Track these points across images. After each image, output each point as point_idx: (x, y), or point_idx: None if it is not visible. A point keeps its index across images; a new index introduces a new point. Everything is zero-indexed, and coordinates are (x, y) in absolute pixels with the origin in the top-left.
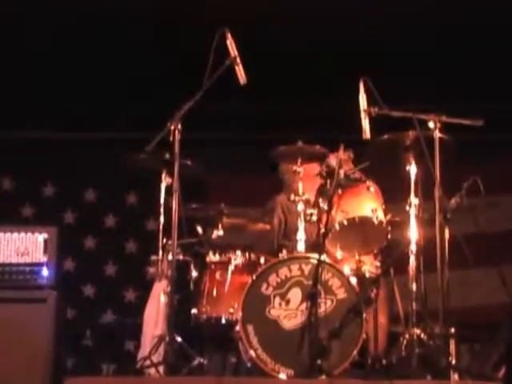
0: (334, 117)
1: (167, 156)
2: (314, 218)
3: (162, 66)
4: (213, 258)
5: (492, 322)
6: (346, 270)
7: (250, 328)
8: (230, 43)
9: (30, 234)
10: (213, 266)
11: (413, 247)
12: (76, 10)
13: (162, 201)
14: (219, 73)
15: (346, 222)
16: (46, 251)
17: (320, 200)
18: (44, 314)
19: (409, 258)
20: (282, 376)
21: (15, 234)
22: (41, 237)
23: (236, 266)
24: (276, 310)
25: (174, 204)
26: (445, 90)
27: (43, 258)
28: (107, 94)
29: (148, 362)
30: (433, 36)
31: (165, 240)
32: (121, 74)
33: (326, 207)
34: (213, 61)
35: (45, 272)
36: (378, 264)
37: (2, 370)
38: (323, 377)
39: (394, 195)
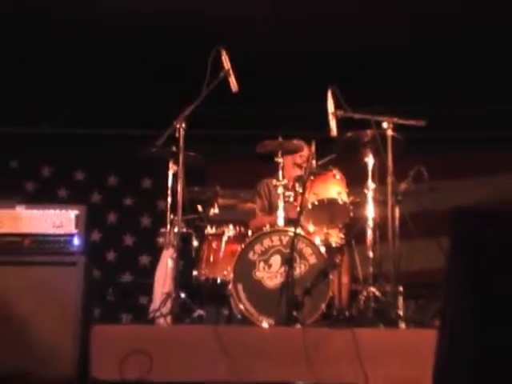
0: (307, 117)
1: (174, 148)
2: (291, 199)
3: (169, 74)
4: (210, 230)
5: (432, 283)
6: (317, 240)
7: (240, 287)
8: (224, 58)
9: (64, 211)
10: (210, 237)
11: (370, 223)
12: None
13: (169, 185)
14: (216, 82)
15: (316, 203)
16: (76, 225)
17: (296, 185)
18: (75, 275)
19: (367, 231)
20: (265, 325)
21: (52, 211)
22: (72, 213)
23: (229, 237)
24: (260, 273)
25: (179, 187)
26: (396, 96)
27: (74, 230)
28: (127, 99)
29: (158, 314)
30: (393, 51)
31: (172, 216)
32: (138, 85)
33: (301, 191)
34: (210, 71)
35: (76, 241)
36: (342, 236)
37: (42, 320)
38: (298, 325)
39: (355, 181)
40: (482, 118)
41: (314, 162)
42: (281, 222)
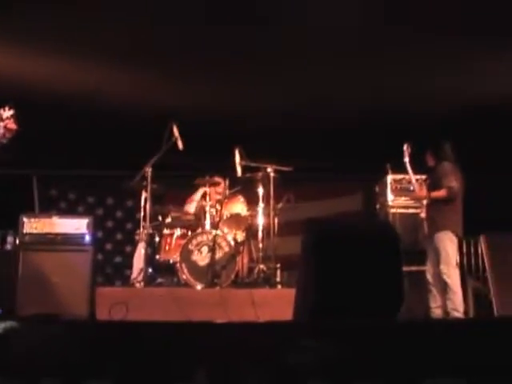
0: (223, 164)
1: (144, 182)
2: (214, 212)
3: (142, 138)
4: (166, 231)
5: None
6: (229, 237)
7: (183, 265)
8: (175, 129)
9: (80, 220)
10: (166, 236)
11: (260, 227)
12: None
13: (142, 204)
14: (170, 143)
15: (229, 215)
16: (88, 228)
17: (217, 204)
18: (87, 258)
19: (258, 231)
20: (198, 287)
21: (73, 219)
22: (85, 221)
23: (177, 236)
24: (195, 256)
25: (148, 206)
26: (275, 152)
27: (86, 231)
28: (120, 153)
29: (136, 280)
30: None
31: (144, 223)
32: (125, 145)
33: (219, 208)
34: (166, 136)
35: (87, 238)
36: (244, 234)
37: (67, 283)
38: (218, 288)
39: (252, 202)
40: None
41: (227, 191)
42: (208, 226)
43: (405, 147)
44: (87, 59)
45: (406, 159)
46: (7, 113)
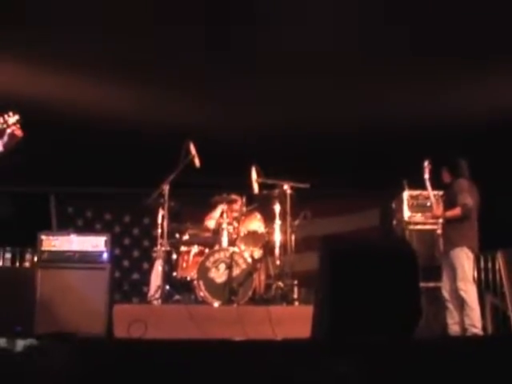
0: (240, 182)
1: (162, 200)
2: (231, 229)
3: (160, 157)
4: (183, 248)
5: (313, 278)
6: (246, 254)
7: (201, 282)
8: (192, 147)
9: (98, 237)
10: (183, 253)
11: (277, 243)
12: None
13: (159, 221)
14: (187, 161)
15: (246, 232)
16: (105, 245)
17: (234, 222)
18: (104, 275)
19: (275, 248)
20: (216, 304)
21: (91, 237)
22: (103, 238)
23: (194, 253)
24: (212, 274)
25: (165, 223)
26: (295, 169)
27: (104, 249)
28: (137, 172)
29: (153, 298)
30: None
31: (161, 240)
32: (142, 164)
33: (236, 225)
34: (183, 155)
35: (105, 255)
36: (261, 251)
37: (85, 301)
38: (235, 305)
39: (268, 219)
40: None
41: (244, 208)
42: (225, 243)
43: (425, 164)
44: (103, 78)
45: (427, 176)
46: (12, 118)
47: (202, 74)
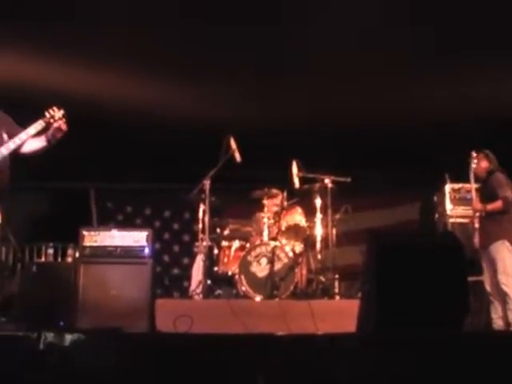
0: (281, 176)
1: (202, 195)
2: (272, 224)
3: (201, 152)
4: (224, 243)
5: (354, 272)
6: (287, 249)
7: (242, 277)
8: (232, 142)
9: (139, 232)
10: (224, 248)
11: (318, 237)
12: None
13: (200, 216)
14: (227, 156)
15: (287, 226)
16: (146, 240)
17: (275, 216)
18: (146, 270)
19: (316, 242)
20: (257, 299)
21: (132, 232)
22: (144, 233)
23: (236, 248)
24: (254, 268)
25: (206, 218)
26: (335, 163)
27: (145, 244)
28: (179, 167)
29: (194, 292)
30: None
31: (202, 235)
32: (183, 159)
33: (278, 219)
34: (224, 149)
35: (146, 250)
36: (302, 245)
37: (128, 295)
38: (277, 299)
39: (309, 213)
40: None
41: (285, 203)
42: (266, 238)
43: (473, 155)
44: (145, 74)
45: (474, 166)
46: (58, 113)
47: (244, 68)
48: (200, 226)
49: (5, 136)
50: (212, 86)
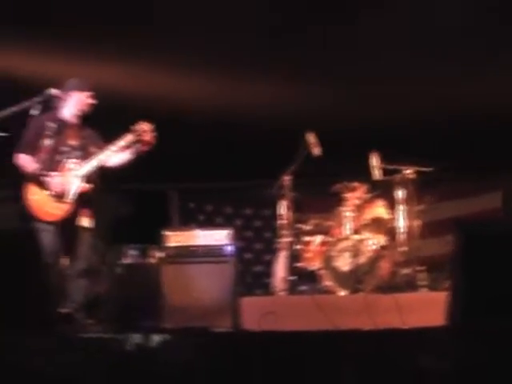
0: (361, 169)
1: (282, 191)
2: (354, 217)
3: (280, 148)
4: (306, 238)
5: (440, 263)
6: (370, 242)
7: (326, 272)
8: (311, 136)
9: (220, 231)
10: (307, 243)
11: (401, 229)
12: None
13: (281, 212)
14: (305, 152)
15: (369, 219)
16: (228, 239)
17: (356, 209)
18: (228, 268)
19: (399, 233)
20: (342, 293)
21: (213, 231)
22: (225, 232)
23: (318, 243)
24: (337, 263)
25: (287, 214)
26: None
27: (227, 242)
28: (255, 164)
29: (278, 289)
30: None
31: (283, 231)
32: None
33: (359, 212)
34: (302, 145)
35: (229, 248)
36: (385, 238)
37: (211, 294)
38: (361, 293)
39: (391, 205)
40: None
41: (366, 195)
42: (348, 232)
43: None
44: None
45: None
46: (147, 127)
47: (320, 62)
48: (281, 222)
49: (93, 151)
50: (290, 81)
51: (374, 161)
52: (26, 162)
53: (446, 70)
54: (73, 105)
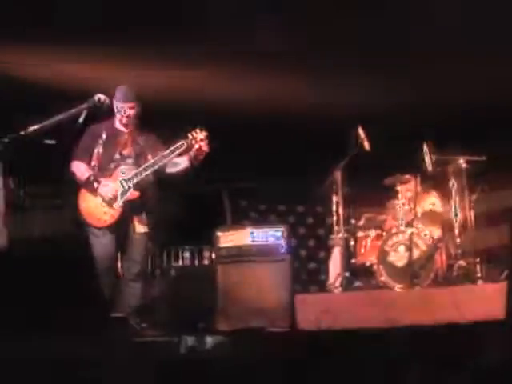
0: (413, 160)
1: (334, 187)
2: (407, 210)
3: (327, 146)
4: (360, 234)
5: (496, 254)
6: (425, 234)
7: (381, 267)
8: (361, 130)
9: (275, 229)
10: (360, 238)
11: (455, 221)
12: None
13: (333, 208)
14: (356, 146)
15: (422, 212)
16: (283, 236)
17: (410, 202)
18: (284, 267)
19: (454, 225)
20: (397, 288)
21: (268, 229)
22: (280, 230)
23: (372, 237)
24: (392, 257)
25: (340, 210)
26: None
27: (282, 240)
28: (306, 161)
29: (334, 286)
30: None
31: (336, 227)
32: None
33: (412, 206)
34: (352, 140)
35: (283, 246)
36: (440, 230)
37: (266, 293)
38: (417, 287)
39: (445, 196)
40: None
41: (419, 187)
42: (402, 225)
43: None
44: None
45: None
46: (200, 135)
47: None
48: (334, 218)
49: (149, 158)
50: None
51: (426, 152)
52: (79, 169)
53: (498, 55)
54: (119, 114)
